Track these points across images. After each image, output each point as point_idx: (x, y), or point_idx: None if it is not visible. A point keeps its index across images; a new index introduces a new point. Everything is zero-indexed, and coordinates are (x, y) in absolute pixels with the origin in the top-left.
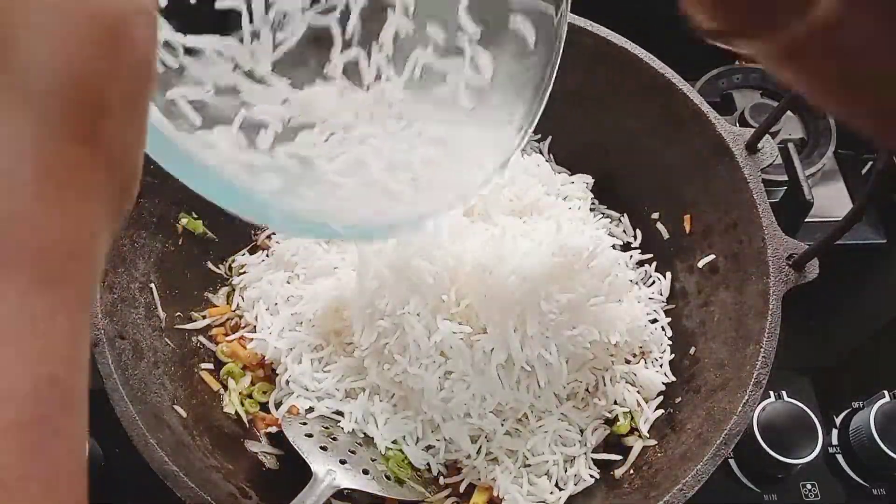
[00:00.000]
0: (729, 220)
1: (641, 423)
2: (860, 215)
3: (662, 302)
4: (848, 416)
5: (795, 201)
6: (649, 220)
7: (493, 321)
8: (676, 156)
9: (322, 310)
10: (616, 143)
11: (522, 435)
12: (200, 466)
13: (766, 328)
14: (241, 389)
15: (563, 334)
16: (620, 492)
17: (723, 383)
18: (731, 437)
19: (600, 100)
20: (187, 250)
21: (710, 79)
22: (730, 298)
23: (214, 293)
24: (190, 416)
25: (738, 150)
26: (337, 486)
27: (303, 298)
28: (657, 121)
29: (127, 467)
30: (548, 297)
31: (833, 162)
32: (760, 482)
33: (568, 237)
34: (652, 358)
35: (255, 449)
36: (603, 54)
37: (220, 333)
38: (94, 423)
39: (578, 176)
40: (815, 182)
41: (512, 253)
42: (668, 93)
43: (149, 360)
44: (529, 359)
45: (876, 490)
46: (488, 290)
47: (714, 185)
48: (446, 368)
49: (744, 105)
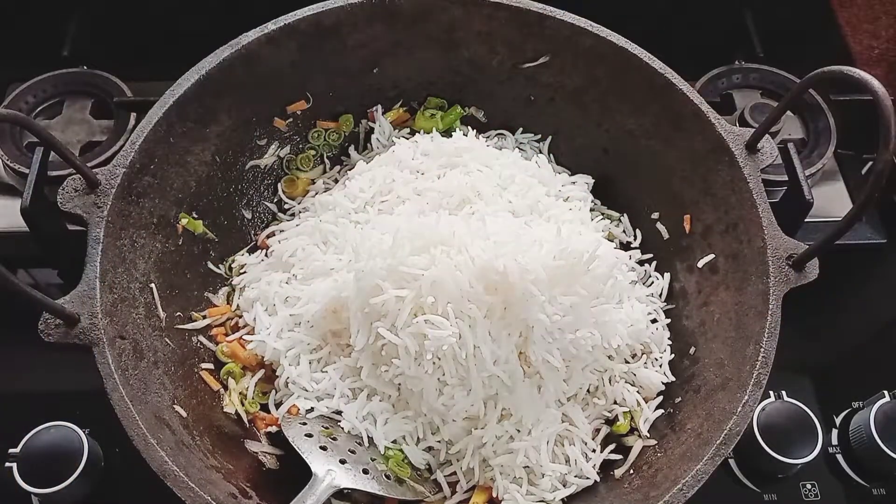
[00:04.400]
0: (729, 220)
1: (641, 423)
2: (860, 215)
3: (662, 302)
4: (848, 416)
5: (795, 201)
6: (649, 220)
7: (493, 323)
8: (676, 156)
9: (320, 311)
10: (616, 143)
11: (523, 435)
12: (200, 466)
13: (766, 328)
14: (241, 389)
15: (566, 338)
16: (620, 492)
17: (723, 383)
18: (731, 437)
19: (600, 100)
20: (187, 250)
21: (710, 79)
22: (730, 298)
23: (214, 293)
24: (190, 416)
25: (738, 150)
26: (337, 486)
27: (301, 299)
28: (657, 121)
29: (127, 467)
30: (551, 300)
31: (833, 162)
32: (760, 482)
33: (568, 240)
34: (652, 358)
35: (255, 449)
36: (603, 54)
37: (220, 333)
38: (94, 423)
39: (579, 176)
40: (815, 182)
41: (512, 255)
42: (668, 93)
43: (149, 360)
44: (533, 362)
45: (876, 490)
46: (487, 292)
47: (714, 185)
48: (442, 374)
49: (744, 105)
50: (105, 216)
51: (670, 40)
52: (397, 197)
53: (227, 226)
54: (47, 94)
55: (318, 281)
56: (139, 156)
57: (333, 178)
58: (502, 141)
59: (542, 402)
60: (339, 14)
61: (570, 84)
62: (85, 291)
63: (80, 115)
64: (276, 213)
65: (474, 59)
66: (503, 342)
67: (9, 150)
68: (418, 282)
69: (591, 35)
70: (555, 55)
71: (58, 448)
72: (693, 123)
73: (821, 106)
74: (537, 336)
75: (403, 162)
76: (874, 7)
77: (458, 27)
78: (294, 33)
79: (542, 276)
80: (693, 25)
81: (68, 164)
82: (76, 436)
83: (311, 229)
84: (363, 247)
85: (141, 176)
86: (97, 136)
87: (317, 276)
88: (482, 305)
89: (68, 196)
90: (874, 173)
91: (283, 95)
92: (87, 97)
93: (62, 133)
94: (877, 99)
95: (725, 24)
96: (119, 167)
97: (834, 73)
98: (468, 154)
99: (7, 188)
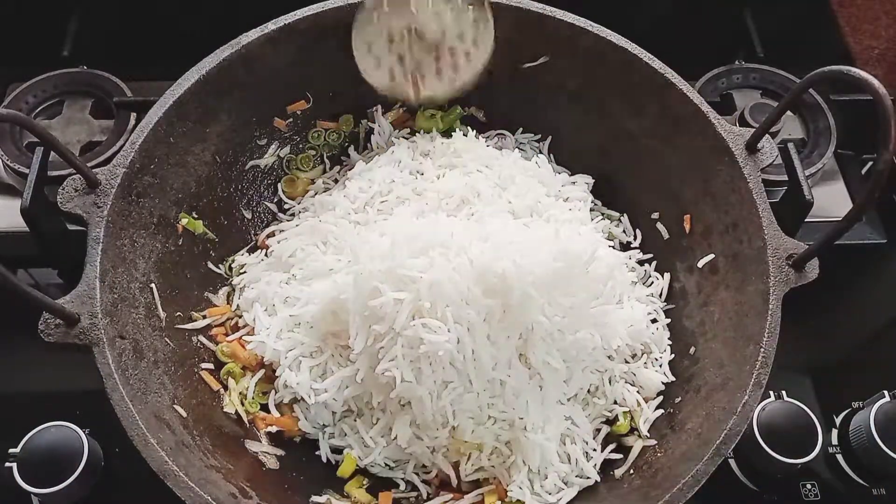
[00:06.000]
0: (729, 220)
1: (641, 423)
2: (860, 215)
3: (662, 302)
4: (848, 416)
5: (795, 201)
6: (649, 220)
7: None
8: (676, 156)
9: (319, 312)
10: (616, 143)
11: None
12: (200, 466)
13: (766, 328)
14: (241, 389)
15: (566, 339)
16: (620, 492)
17: (723, 383)
18: (731, 437)
19: (600, 100)
20: (187, 250)
21: (710, 79)
22: (730, 298)
23: (214, 293)
24: (190, 416)
25: (738, 150)
26: None
27: (300, 300)
28: (657, 121)
29: (127, 467)
30: (551, 301)
31: (833, 162)
32: (760, 482)
33: (567, 241)
34: (652, 358)
35: (255, 449)
36: (603, 54)
37: (220, 333)
38: (94, 423)
39: (579, 176)
40: (815, 182)
41: (511, 258)
42: (668, 93)
43: (149, 360)
44: (533, 364)
45: (876, 490)
46: (486, 295)
47: (714, 185)
48: (443, 378)
49: (744, 105)
50: (105, 216)
51: (670, 40)
52: (397, 197)
53: (227, 226)
54: (47, 94)
55: (318, 281)
56: (139, 156)
57: (333, 178)
58: (502, 141)
59: (546, 406)
60: (339, 14)
61: (570, 84)
62: (85, 291)
63: (80, 115)
64: (276, 213)
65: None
66: (502, 345)
67: (9, 150)
68: (416, 284)
69: (591, 35)
70: (555, 55)
71: (58, 448)
72: (693, 123)
73: (821, 106)
74: (537, 338)
75: (403, 162)
76: (874, 7)
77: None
78: (294, 33)
79: (541, 278)
80: (693, 25)
81: (68, 164)
82: (76, 436)
83: (310, 229)
84: (362, 249)
85: (141, 176)
86: (97, 136)
87: (316, 277)
88: (481, 309)
89: (68, 196)
90: (874, 173)
91: (283, 95)
92: (87, 97)
93: (62, 133)
94: (877, 99)
95: (725, 24)
96: (119, 167)
97: (834, 73)
98: (468, 154)
99: (7, 188)
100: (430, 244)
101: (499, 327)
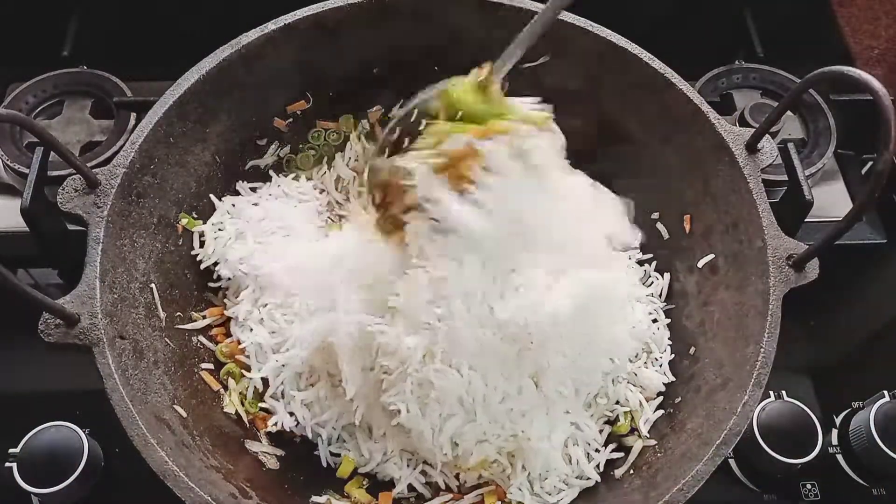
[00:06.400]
0: (729, 220)
1: (641, 423)
2: (860, 215)
3: (662, 302)
4: (848, 416)
5: (795, 201)
6: (649, 220)
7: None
8: (676, 156)
9: (307, 357)
10: (616, 143)
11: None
12: (200, 466)
13: (766, 328)
14: (241, 389)
15: (580, 367)
16: (620, 492)
17: (723, 383)
18: (731, 437)
19: (600, 100)
20: (187, 250)
21: (710, 79)
22: (730, 298)
23: (214, 293)
24: (190, 416)
25: (738, 150)
26: None
27: (287, 341)
28: (657, 120)
29: (127, 467)
30: (569, 337)
31: (833, 162)
32: (760, 482)
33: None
34: (652, 358)
35: (255, 449)
36: (603, 54)
37: (220, 333)
38: (94, 423)
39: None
40: (815, 182)
41: (533, 307)
42: (668, 93)
43: (149, 360)
44: (546, 393)
45: (876, 490)
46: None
47: (714, 185)
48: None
49: (744, 105)
50: (105, 216)
51: (670, 40)
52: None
53: None
54: (47, 94)
55: (300, 324)
56: (139, 156)
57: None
58: None
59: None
60: (338, 14)
61: (570, 84)
62: (85, 291)
63: (80, 115)
64: None
65: (474, 60)
66: (514, 380)
67: (9, 150)
68: (433, 330)
69: (591, 35)
70: (555, 55)
71: (58, 448)
72: (693, 123)
73: (821, 106)
74: (551, 372)
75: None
76: (874, 7)
77: (457, 27)
78: (294, 33)
79: (563, 322)
80: (693, 25)
81: (68, 164)
82: (76, 436)
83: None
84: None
85: (141, 176)
86: (97, 136)
87: (298, 319)
88: (497, 355)
89: (68, 196)
90: (874, 173)
91: (283, 95)
92: (87, 97)
93: (62, 133)
94: (877, 99)
95: (725, 24)
96: (119, 167)
97: (834, 73)
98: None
99: (7, 188)
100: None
101: (513, 365)
